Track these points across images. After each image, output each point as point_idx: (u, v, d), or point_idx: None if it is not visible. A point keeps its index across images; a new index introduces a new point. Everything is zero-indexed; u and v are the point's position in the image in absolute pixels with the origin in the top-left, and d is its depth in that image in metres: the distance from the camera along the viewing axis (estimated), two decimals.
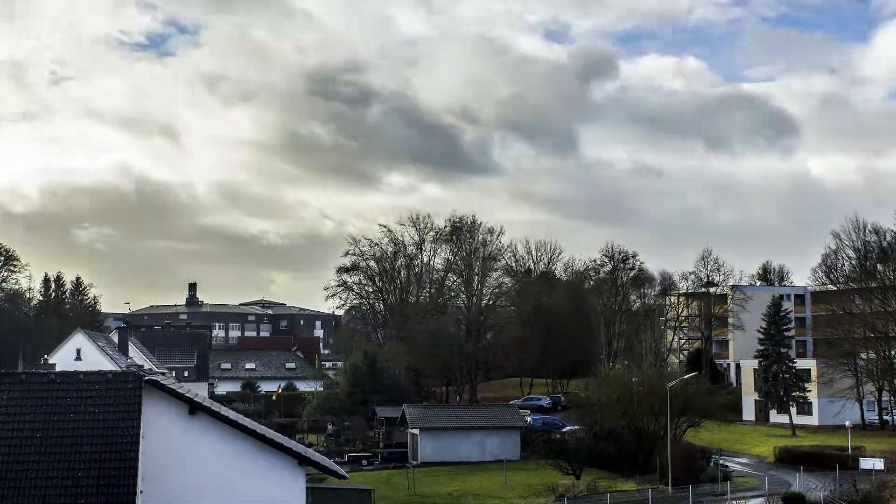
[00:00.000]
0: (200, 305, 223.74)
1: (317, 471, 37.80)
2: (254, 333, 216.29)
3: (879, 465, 75.08)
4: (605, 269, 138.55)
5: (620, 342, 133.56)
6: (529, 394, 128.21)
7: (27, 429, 31.66)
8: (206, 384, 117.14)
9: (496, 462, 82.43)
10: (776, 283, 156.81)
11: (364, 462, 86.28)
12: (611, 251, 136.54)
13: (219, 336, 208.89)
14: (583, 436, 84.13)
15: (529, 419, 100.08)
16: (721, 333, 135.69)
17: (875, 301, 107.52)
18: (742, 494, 69.66)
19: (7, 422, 31.78)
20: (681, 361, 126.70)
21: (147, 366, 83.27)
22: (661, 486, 70.76)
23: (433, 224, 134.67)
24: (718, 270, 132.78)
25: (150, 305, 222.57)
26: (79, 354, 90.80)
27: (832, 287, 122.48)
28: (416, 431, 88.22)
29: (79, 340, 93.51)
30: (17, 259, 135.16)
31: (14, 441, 31.36)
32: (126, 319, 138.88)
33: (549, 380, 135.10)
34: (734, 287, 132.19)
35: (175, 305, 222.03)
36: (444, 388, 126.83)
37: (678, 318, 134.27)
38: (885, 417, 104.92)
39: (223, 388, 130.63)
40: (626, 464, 77.85)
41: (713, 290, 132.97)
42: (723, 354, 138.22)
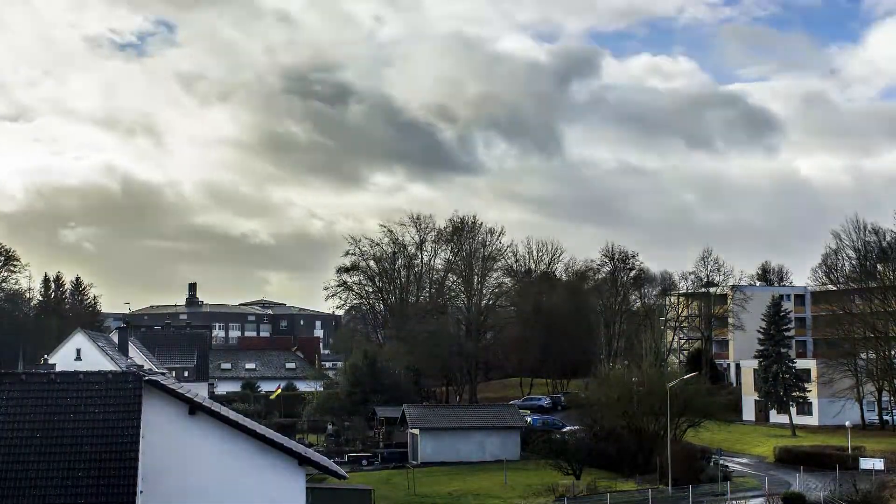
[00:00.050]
0: (200, 305, 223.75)
1: (317, 471, 37.79)
2: (254, 333, 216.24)
3: (879, 465, 75.06)
4: (606, 270, 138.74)
5: (620, 342, 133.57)
6: (529, 394, 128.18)
7: (27, 429, 31.63)
8: (206, 384, 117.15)
9: (496, 462, 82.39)
10: (776, 283, 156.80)
11: (364, 462, 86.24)
12: (611, 251, 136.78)
13: (219, 336, 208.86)
14: (583, 436, 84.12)
15: (529, 419, 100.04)
16: (721, 333, 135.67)
17: (875, 301, 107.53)
18: (742, 494, 69.65)
19: (7, 422, 31.76)
20: (681, 361, 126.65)
21: (147, 366, 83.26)
22: (661, 486, 70.75)
23: (433, 224, 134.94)
24: (718, 270, 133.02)
25: (150, 305, 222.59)
26: (79, 354, 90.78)
27: (832, 287, 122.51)
28: (416, 431, 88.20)
29: (79, 340, 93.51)
30: (17, 259, 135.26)
31: (14, 441, 31.34)
32: (126, 319, 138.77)
33: (549, 380, 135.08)
34: (734, 287, 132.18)
35: (175, 305, 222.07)
36: (444, 388, 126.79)
37: (678, 318, 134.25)
38: (885, 417, 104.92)
39: (223, 389, 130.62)
40: (626, 464, 77.82)
41: (713, 291, 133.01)
42: (723, 354, 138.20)
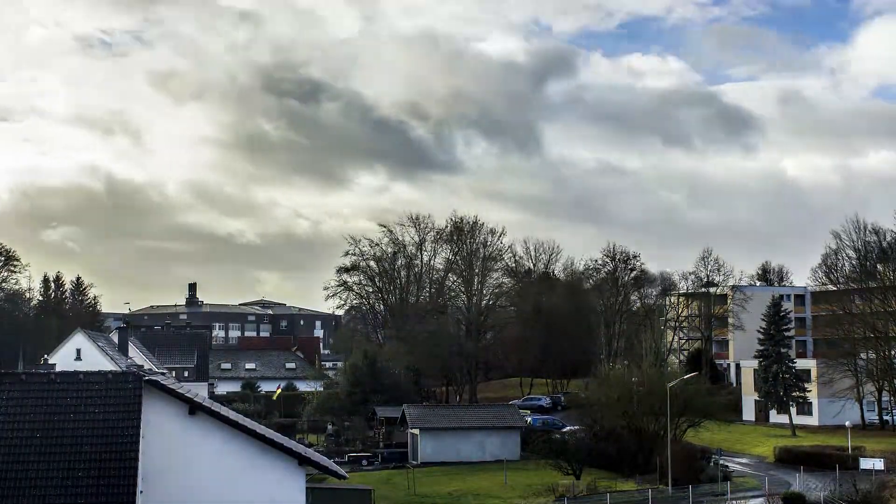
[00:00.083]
0: (200, 305, 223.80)
1: (317, 471, 37.80)
2: (254, 333, 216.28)
3: (879, 465, 75.04)
4: (606, 270, 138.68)
5: (620, 342, 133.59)
6: (529, 394, 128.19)
7: (27, 429, 31.64)
8: (206, 384, 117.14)
9: (496, 462, 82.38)
10: (776, 283, 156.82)
11: (364, 462, 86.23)
12: (612, 251, 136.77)
13: (219, 336, 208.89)
14: (583, 436, 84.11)
15: (529, 419, 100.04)
16: (721, 333, 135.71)
17: (875, 301, 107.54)
18: (742, 494, 69.64)
19: (7, 422, 31.77)
20: (681, 361, 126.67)
21: (147, 366, 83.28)
22: (661, 486, 70.74)
23: (433, 224, 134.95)
24: (718, 270, 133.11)
25: (150, 305, 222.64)
26: (79, 354, 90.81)
27: (832, 287, 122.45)
28: (416, 431, 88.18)
29: (79, 340, 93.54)
30: (18, 259, 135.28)
31: (14, 441, 31.35)
32: (126, 319, 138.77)
33: (549, 380, 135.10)
34: (734, 287, 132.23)
35: (175, 305, 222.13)
36: (444, 388, 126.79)
37: (678, 319, 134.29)
38: (885, 417, 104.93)
39: (223, 389, 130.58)
40: (626, 464, 77.80)
41: (713, 291, 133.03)
42: (723, 354, 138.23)
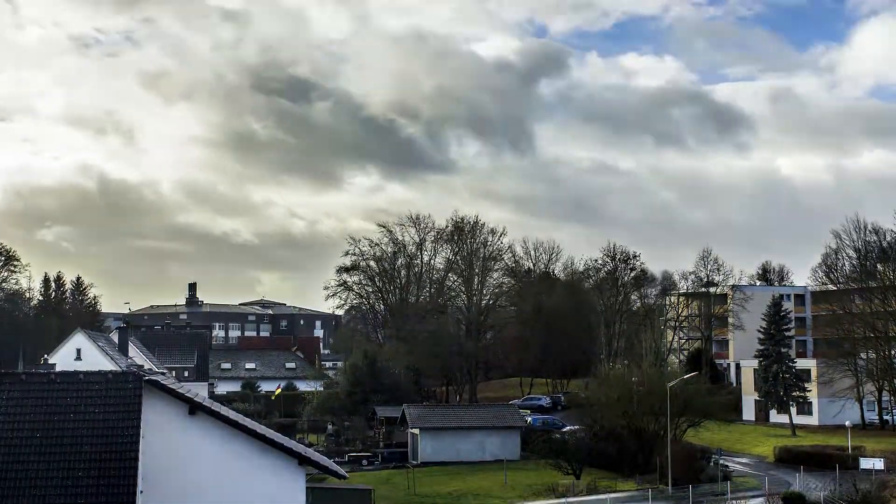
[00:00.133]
0: (200, 305, 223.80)
1: (317, 471, 37.81)
2: (254, 333, 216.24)
3: (879, 465, 75.03)
4: (606, 269, 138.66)
5: (620, 342, 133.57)
6: (529, 394, 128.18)
7: (27, 429, 31.64)
8: (206, 384, 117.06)
9: (496, 462, 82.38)
10: (776, 283, 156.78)
11: (364, 462, 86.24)
12: (612, 251, 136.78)
13: (219, 336, 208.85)
14: (583, 436, 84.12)
15: (529, 419, 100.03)
16: (721, 333, 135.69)
17: (875, 301, 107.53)
18: (742, 494, 69.62)
19: (7, 422, 31.76)
20: (681, 361, 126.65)
21: (147, 366, 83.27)
22: (661, 486, 70.76)
23: (433, 224, 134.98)
24: (718, 270, 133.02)
25: (150, 305, 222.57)
26: (79, 354, 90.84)
27: (832, 287, 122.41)
28: (416, 431, 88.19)
29: (79, 340, 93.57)
30: (18, 259, 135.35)
31: (14, 441, 31.34)
32: (126, 319, 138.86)
33: (549, 380, 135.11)
34: (734, 287, 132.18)
35: (175, 305, 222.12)
36: (444, 388, 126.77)
37: (678, 318, 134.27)
38: (885, 417, 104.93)
39: (223, 388, 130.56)
40: (626, 464, 77.81)
41: (713, 290, 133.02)
42: (723, 354, 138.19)
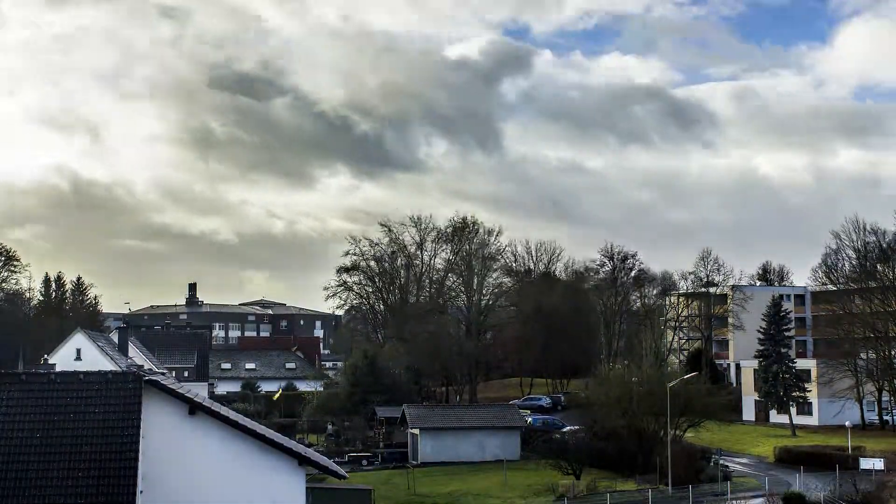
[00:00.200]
0: (200, 305, 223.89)
1: (317, 471, 37.82)
2: (254, 333, 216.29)
3: (879, 465, 74.95)
4: (606, 270, 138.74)
5: (620, 342, 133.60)
6: (529, 394, 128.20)
7: (27, 429, 31.66)
8: (206, 384, 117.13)
9: (496, 462, 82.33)
10: (776, 283, 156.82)
11: (364, 462, 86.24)
12: (610, 251, 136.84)
13: (219, 336, 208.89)
14: (583, 436, 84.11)
15: (529, 419, 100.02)
16: (721, 333, 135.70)
17: (875, 301, 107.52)
18: (742, 494, 69.54)
19: (7, 422, 31.78)
20: (681, 361, 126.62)
21: (147, 366, 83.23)
22: (661, 486, 70.72)
23: (433, 224, 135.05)
24: (718, 270, 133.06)
25: (150, 305, 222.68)
26: (79, 354, 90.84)
27: (832, 287, 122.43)
28: (416, 431, 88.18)
29: (79, 340, 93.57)
30: (18, 259, 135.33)
31: (14, 441, 31.37)
32: (126, 319, 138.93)
33: (549, 380, 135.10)
34: (734, 287, 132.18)
35: (175, 305, 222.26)
36: (444, 388, 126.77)
37: (678, 318, 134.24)
38: (885, 417, 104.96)
39: (223, 389, 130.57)
40: (626, 464, 77.70)
41: (713, 290, 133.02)
42: (723, 354, 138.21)
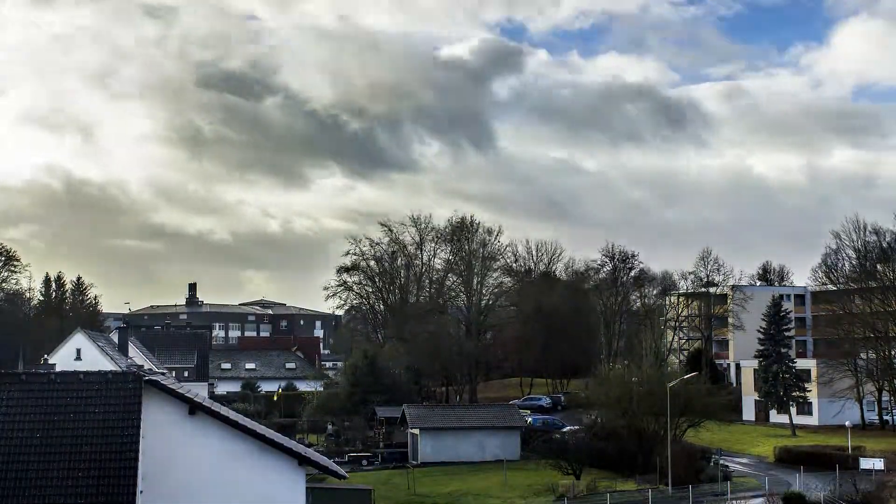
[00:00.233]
0: (200, 305, 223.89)
1: (317, 471, 37.83)
2: (254, 333, 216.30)
3: (879, 465, 74.94)
4: (606, 270, 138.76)
5: (620, 342, 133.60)
6: (529, 394, 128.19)
7: (27, 429, 31.66)
8: (206, 384, 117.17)
9: (496, 462, 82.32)
10: (776, 283, 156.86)
11: (364, 462, 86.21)
12: (611, 251, 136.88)
13: (219, 336, 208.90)
14: (583, 436, 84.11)
15: (529, 419, 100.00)
16: (721, 333, 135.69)
17: (875, 301, 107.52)
18: (742, 494, 69.54)
19: (7, 422, 31.78)
20: (681, 361, 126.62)
21: (147, 366, 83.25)
22: (661, 486, 70.71)
23: (432, 224, 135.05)
24: (718, 270, 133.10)
25: (150, 305, 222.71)
26: (79, 354, 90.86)
27: (832, 287, 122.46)
28: (416, 431, 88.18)
29: (79, 340, 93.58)
30: (18, 259, 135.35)
31: (14, 441, 31.36)
32: (126, 319, 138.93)
33: (549, 380, 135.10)
34: (734, 287, 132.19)
35: (175, 305, 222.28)
36: (444, 388, 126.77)
37: (678, 318, 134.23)
38: (885, 417, 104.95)
39: (223, 389, 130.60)
40: (626, 464, 77.68)
41: (713, 290, 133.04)
42: (723, 354, 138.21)
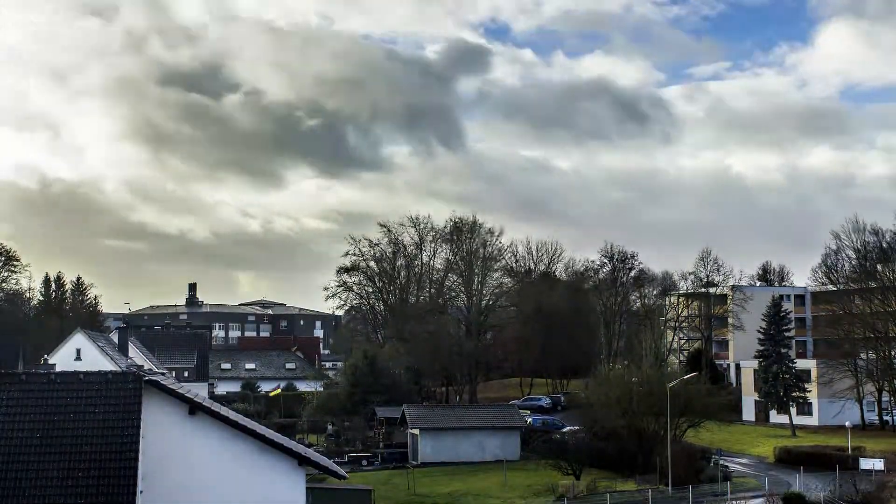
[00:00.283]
0: (200, 306, 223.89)
1: (317, 471, 37.83)
2: (254, 333, 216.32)
3: (879, 466, 74.95)
4: (606, 270, 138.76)
5: (620, 342, 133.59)
6: (529, 394, 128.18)
7: (27, 429, 31.66)
8: (206, 384, 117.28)
9: (496, 462, 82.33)
10: (776, 284, 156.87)
11: (364, 462, 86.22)
12: (610, 251, 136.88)
13: (219, 336, 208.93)
14: (583, 436, 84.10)
15: (529, 419, 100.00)
16: (721, 333, 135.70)
17: (875, 301, 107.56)
18: (742, 495, 69.56)
19: (7, 422, 31.78)
20: (681, 361, 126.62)
21: (147, 366, 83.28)
22: (661, 487, 70.72)
23: (432, 224, 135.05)
24: (718, 271, 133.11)
25: (150, 305, 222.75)
26: (79, 354, 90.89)
27: (832, 287, 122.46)
28: (416, 431, 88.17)
29: (79, 340, 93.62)
30: (18, 259, 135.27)
31: (14, 441, 31.37)
32: (126, 319, 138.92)
33: (549, 380, 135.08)
34: (734, 287, 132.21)
35: (175, 305, 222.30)
36: (444, 388, 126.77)
37: (678, 319, 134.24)
38: (885, 417, 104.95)
39: (223, 389, 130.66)
40: (626, 464, 77.70)
41: (713, 291, 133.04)
42: (723, 354, 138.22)
